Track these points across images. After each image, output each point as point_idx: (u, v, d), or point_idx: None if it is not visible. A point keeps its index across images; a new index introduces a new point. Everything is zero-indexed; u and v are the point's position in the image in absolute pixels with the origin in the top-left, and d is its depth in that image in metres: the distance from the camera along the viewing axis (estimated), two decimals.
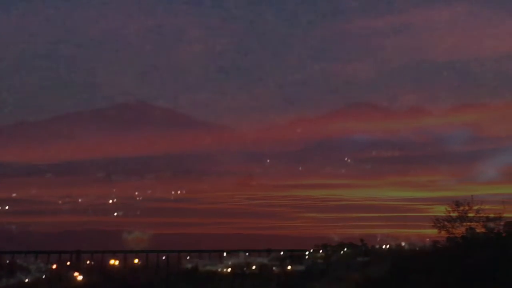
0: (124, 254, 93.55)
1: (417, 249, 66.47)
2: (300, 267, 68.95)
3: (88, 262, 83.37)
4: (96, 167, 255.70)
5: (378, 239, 78.15)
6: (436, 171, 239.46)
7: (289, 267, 69.23)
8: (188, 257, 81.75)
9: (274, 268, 70.09)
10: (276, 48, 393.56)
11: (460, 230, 66.53)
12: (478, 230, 64.85)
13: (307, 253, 73.18)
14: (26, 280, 72.74)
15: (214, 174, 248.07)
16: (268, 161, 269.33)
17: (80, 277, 63.34)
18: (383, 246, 72.49)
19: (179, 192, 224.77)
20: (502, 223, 65.73)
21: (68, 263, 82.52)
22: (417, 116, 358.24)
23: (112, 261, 79.85)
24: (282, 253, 74.26)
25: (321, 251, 75.49)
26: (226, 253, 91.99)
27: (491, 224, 63.03)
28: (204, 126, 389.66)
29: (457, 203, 66.54)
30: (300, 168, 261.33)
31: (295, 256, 73.68)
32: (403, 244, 68.37)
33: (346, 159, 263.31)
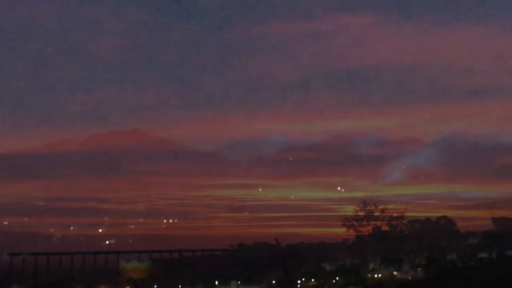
0: (32, 256, 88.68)
1: (410, 278, 68.48)
2: None
3: None
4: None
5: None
6: (348, 173, 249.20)
7: None
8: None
9: None
10: (189, 47, 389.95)
11: (367, 228, 69.77)
12: (383, 229, 68.32)
13: (299, 282, 73.03)
14: None
15: (128, 174, 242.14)
16: (183, 160, 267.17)
17: None
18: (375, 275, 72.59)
19: (90, 192, 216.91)
20: (404, 221, 69.64)
21: None
22: (329, 120, 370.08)
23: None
24: (274, 281, 73.24)
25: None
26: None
27: (395, 223, 66.65)
28: (118, 123, 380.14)
29: (364, 203, 69.76)
30: (216, 168, 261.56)
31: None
32: (394, 273, 69.24)
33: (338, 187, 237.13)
